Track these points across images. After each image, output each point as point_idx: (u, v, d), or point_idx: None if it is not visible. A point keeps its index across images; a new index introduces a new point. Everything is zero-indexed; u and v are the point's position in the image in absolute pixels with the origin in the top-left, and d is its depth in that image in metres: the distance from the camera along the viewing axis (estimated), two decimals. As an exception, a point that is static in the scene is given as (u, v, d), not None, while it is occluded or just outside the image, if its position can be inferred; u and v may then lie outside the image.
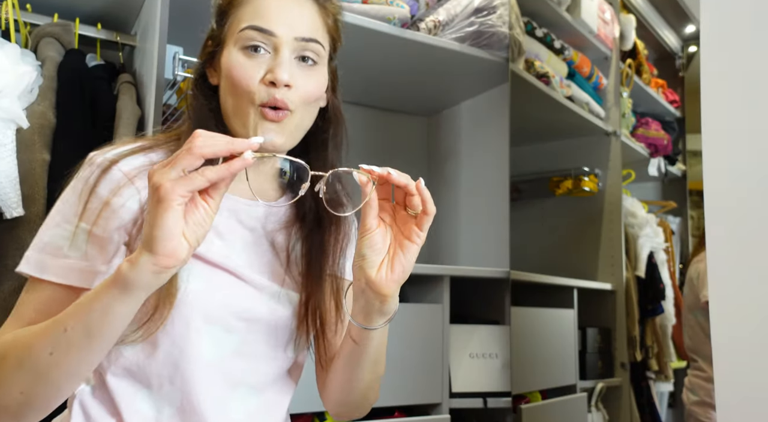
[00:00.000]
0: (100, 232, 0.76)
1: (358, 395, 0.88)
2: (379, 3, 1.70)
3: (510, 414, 1.86)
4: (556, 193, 2.72)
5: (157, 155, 0.82)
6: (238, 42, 0.80)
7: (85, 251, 0.76)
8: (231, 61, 0.81)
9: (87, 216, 0.76)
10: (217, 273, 0.81)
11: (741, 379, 0.85)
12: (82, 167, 0.80)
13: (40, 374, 0.68)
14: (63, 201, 0.79)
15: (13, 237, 1.21)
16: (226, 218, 0.84)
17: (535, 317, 2.16)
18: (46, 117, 1.29)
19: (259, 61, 0.80)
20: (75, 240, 0.76)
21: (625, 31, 2.83)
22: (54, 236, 0.77)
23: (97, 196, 0.76)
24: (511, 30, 1.92)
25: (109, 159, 0.79)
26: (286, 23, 0.80)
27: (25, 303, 0.77)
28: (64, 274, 0.76)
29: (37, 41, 1.39)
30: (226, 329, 0.81)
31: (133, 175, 0.78)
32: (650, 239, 2.79)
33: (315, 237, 0.88)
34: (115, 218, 0.76)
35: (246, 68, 0.79)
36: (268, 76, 0.79)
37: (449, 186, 2.29)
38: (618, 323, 2.57)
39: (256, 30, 0.79)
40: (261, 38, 0.79)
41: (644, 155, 3.04)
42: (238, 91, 0.80)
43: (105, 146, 0.82)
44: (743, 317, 0.85)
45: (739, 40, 0.91)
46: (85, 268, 0.76)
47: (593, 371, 2.44)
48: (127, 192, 0.77)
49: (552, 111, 2.39)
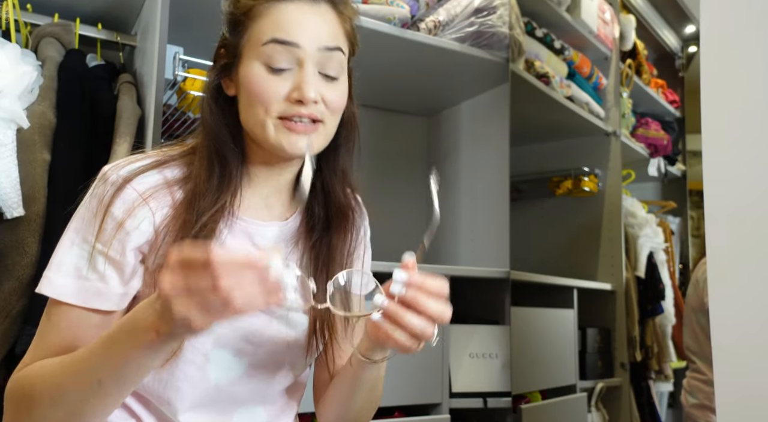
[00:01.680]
0: (115, 255, 0.76)
1: (352, 418, 0.90)
2: (379, 3, 1.70)
3: (510, 414, 1.86)
4: (556, 193, 2.72)
5: (172, 172, 0.81)
6: (261, 57, 0.78)
7: (104, 273, 0.76)
8: (253, 75, 0.79)
9: (103, 238, 0.76)
10: None
11: (741, 381, 0.85)
12: (95, 183, 0.79)
13: (75, 414, 0.70)
14: (79, 218, 0.78)
15: (14, 237, 1.21)
16: (241, 241, 0.83)
17: (535, 317, 2.16)
18: (47, 117, 1.29)
19: (283, 77, 0.78)
20: (93, 262, 0.75)
21: (624, 32, 2.83)
22: (73, 256, 0.76)
23: (111, 217, 0.76)
24: (511, 30, 1.92)
25: (123, 177, 0.77)
26: (308, 33, 0.78)
27: (49, 330, 0.76)
28: (85, 298, 0.75)
29: (38, 41, 1.39)
30: (235, 353, 0.81)
31: (147, 196, 0.76)
32: (650, 239, 2.79)
33: (324, 253, 0.88)
34: (129, 240, 0.76)
35: (270, 84, 0.78)
36: (294, 94, 0.77)
37: (449, 186, 2.29)
38: (618, 323, 2.57)
39: (279, 43, 0.77)
40: (284, 52, 0.77)
41: (644, 155, 3.04)
42: (257, 105, 0.78)
43: (119, 160, 0.81)
44: (743, 318, 0.85)
45: (739, 40, 0.91)
46: (104, 290, 0.76)
47: (593, 371, 2.44)
48: (141, 213, 0.76)
49: (552, 111, 2.39)
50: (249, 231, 0.84)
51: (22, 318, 1.19)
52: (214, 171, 0.81)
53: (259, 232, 0.85)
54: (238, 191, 0.83)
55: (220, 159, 0.82)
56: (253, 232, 0.84)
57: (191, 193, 0.79)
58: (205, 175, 0.80)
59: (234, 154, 0.83)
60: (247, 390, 0.84)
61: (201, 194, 0.79)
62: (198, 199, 0.78)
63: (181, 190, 0.80)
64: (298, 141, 0.78)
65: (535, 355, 2.10)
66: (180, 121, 1.53)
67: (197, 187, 0.79)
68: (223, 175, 0.81)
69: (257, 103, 0.78)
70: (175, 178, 0.80)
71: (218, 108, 0.83)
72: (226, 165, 0.82)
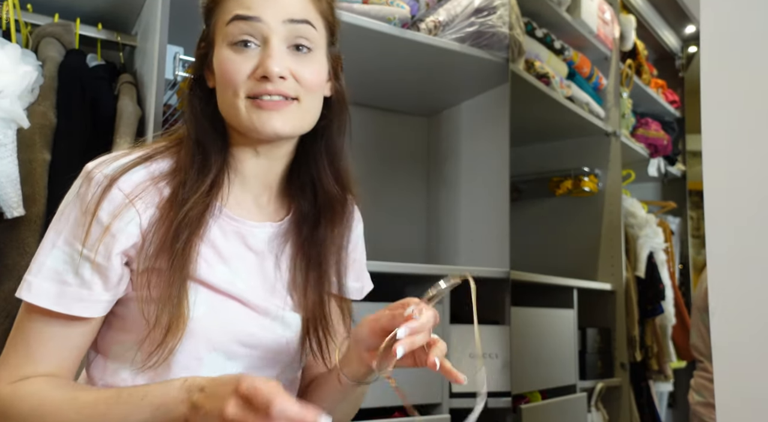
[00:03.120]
0: (101, 260, 0.74)
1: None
2: (379, 3, 1.70)
3: (510, 414, 1.86)
4: (556, 193, 2.72)
5: (158, 165, 0.79)
6: (226, 38, 0.78)
7: (88, 278, 0.74)
8: (222, 58, 0.78)
9: (88, 242, 0.73)
10: (221, 299, 0.79)
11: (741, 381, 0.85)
12: (79, 182, 0.77)
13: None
14: (62, 220, 0.76)
15: (14, 237, 1.21)
16: (233, 243, 0.82)
17: (535, 317, 2.16)
18: (47, 117, 1.29)
19: (249, 55, 0.77)
20: (76, 267, 0.73)
21: (625, 32, 2.83)
22: (55, 259, 0.74)
23: (97, 221, 0.73)
24: (511, 30, 1.92)
25: (108, 176, 0.75)
26: (271, 7, 0.77)
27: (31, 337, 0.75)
28: (66, 304, 0.73)
29: (38, 41, 1.39)
30: (228, 356, 0.80)
31: (133, 196, 0.75)
32: (650, 239, 2.79)
33: (315, 251, 0.87)
34: (115, 243, 0.74)
35: (235, 63, 0.77)
36: (258, 71, 0.76)
37: (449, 186, 2.29)
38: (618, 323, 2.57)
39: (241, 19, 0.76)
40: (248, 28, 0.76)
41: (644, 155, 3.04)
42: (227, 88, 0.78)
43: (103, 156, 0.79)
44: (743, 318, 0.85)
45: (739, 40, 0.91)
46: (87, 297, 0.74)
47: (593, 371, 2.44)
48: (127, 215, 0.74)
49: (552, 111, 2.38)
50: (242, 232, 0.83)
51: (23, 318, 1.19)
52: (195, 159, 0.80)
53: (251, 233, 0.84)
54: (223, 181, 0.81)
55: (200, 146, 0.81)
56: (246, 233, 0.83)
57: (177, 188, 0.78)
58: (188, 165, 0.79)
59: (212, 139, 0.81)
60: None
61: (183, 183, 0.77)
62: (181, 189, 0.77)
63: (168, 186, 0.78)
64: (270, 119, 0.76)
65: (535, 355, 2.10)
66: (180, 121, 1.53)
67: (183, 182, 0.78)
68: (203, 161, 0.80)
69: (226, 84, 0.78)
70: (162, 173, 0.79)
71: (199, 100, 0.83)
72: (205, 151, 0.80)
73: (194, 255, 0.76)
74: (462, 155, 2.25)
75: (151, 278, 0.75)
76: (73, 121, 1.33)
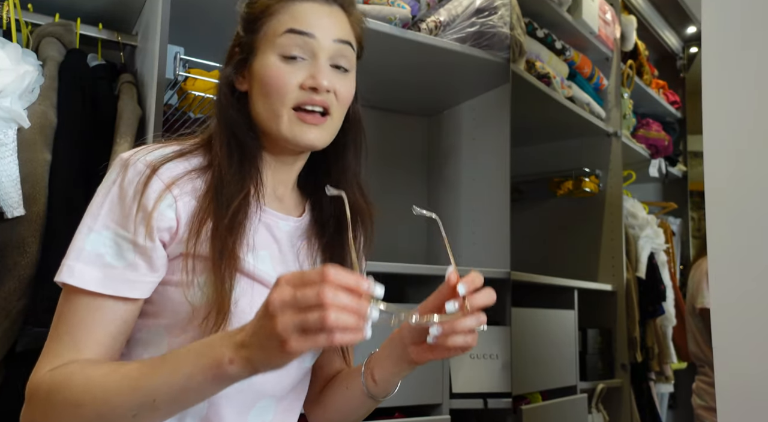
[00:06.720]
0: (144, 242, 0.75)
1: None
2: (380, 3, 1.70)
3: (510, 414, 1.85)
4: (556, 194, 2.72)
5: (194, 159, 0.83)
6: (276, 48, 0.82)
7: (132, 261, 0.75)
8: (268, 66, 0.82)
9: (129, 226, 0.75)
10: (254, 286, 0.82)
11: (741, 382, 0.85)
12: (116, 170, 0.79)
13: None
14: (99, 206, 0.77)
15: (14, 237, 1.21)
16: (261, 232, 0.85)
17: (536, 318, 2.16)
18: (47, 117, 1.29)
19: (297, 67, 0.82)
20: (120, 250, 0.75)
21: (626, 32, 2.83)
22: (94, 243, 0.75)
23: (139, 205, 0.76)
24: (512, 30, 1.92)
25: (150, 163, 0.78)
26: (322, 26, 0.83)
27: (74, 323, 0.74)
28: (113, 286, 0.74)
29: (39, 41, 1.39)
30: None
31: (170, 183, 0.78)
32: (651, 240, 2.79)
33: (338, 254, 0.91)
34: (154, 227, 0.76)
35: (284, 72, 0.82)
36: (309, 82, 0.82)
37: (450, 186, 2.29)
38: (618, 324, 2.57)
39: (296, 33, 0.82)
40: (300, 42, 0.82)
41: (645, 156, 3.04)
42: (273, 95, 0.82)
43: (138, 149, 0.81)
44: (744, 318, 0.85)
45: (739, 41, 0.91)
46: (133, 278, 0.75)
47: (594, 372, 2.44)
48: (165, 201, 0.77)
49: (553, 111, 2.38)
50: (268, 222, 0.87)
51: (23, 318, 1.18)
52: (234, 158, 0.83)
53: (277, 225, 0.88)
54: (263, 180, 0.86)
55: (239, 146, 0.84)
56: (272, 224, 0.87)
57: (216, 181, 0.81)
58: (226, 163, 0.82)
59: (253, 141, 0.86)
60: (268, 383, 0.84)
61: (226, 182, 0.81)
62: (223, 187, 0.80)
63: (200, 179, 0.81)
64: (309, 132, 0.82)
65: (535, 356, 2.10)
66: (181, 120, 1.53)
67: (222, 175, 0.81)
68: (243, 161, 0.84)
69: (273, 92, 0.82)
70: (197, 168, 0.82)
71: (230, 102, 0.86)
72: (245, 152, 0.85)
73: (241, 253, 0.80)
74: (463, 155, 2.25)
75: (196, 264, 0.77)
76: (74, 121, 1.33)
